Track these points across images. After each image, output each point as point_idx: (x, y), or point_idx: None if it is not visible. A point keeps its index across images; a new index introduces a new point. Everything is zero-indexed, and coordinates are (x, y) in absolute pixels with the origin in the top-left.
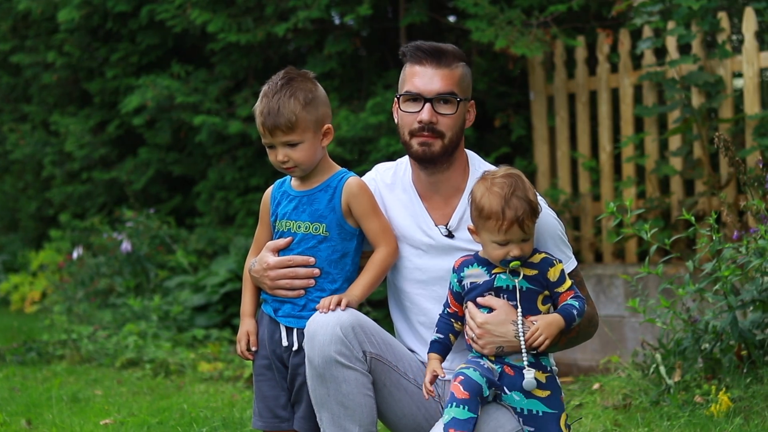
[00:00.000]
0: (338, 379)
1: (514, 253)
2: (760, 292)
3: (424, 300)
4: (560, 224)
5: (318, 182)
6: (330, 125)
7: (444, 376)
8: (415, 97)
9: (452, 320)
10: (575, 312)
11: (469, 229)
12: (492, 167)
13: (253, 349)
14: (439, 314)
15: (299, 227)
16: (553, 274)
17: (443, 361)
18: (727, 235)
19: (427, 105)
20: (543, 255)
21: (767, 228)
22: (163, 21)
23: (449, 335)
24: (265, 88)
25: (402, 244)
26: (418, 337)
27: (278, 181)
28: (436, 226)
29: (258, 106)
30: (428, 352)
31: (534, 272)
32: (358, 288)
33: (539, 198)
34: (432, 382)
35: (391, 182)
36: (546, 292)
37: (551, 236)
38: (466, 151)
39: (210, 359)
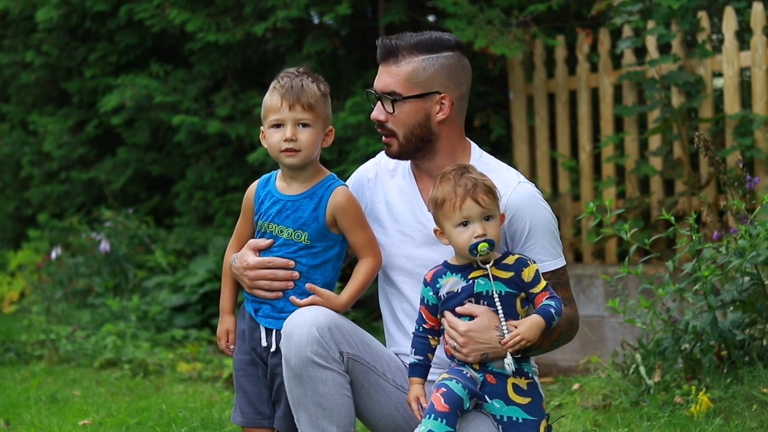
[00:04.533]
0: (315, 379)
1: (478, 231)
2: (740, 292)
3: (409, 288)
4: (555, 220)
5: (304, 187)
6: (333, 128)
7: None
8: (374, 96)
9: (429, 337)
10: (553, 311)
11: (435, 231)
12: (491, 158)
13: (231, 347)
14: (413, 333)
15: (281, 232)
16: (527, 275)
17: (425, 382)
18: (707, 235)
19: (378, 103)
20: (517, 256)
21: (747, 228)
22: (142, 20)
23: (428, 355)
24: (281, 75)
25: (393, 229)
26: (400, 326)
27: (263, 177)
28: (429, 211)
29: (277, 84)
30: (410, 376)
31: (510, 274)
32: (345, 295)
33: (537, 192)
34: (418, 409)
35: (393, 168)
36: (522, 294)
37: (545, 228)
38: (469, 140)
39: (189, 359)
